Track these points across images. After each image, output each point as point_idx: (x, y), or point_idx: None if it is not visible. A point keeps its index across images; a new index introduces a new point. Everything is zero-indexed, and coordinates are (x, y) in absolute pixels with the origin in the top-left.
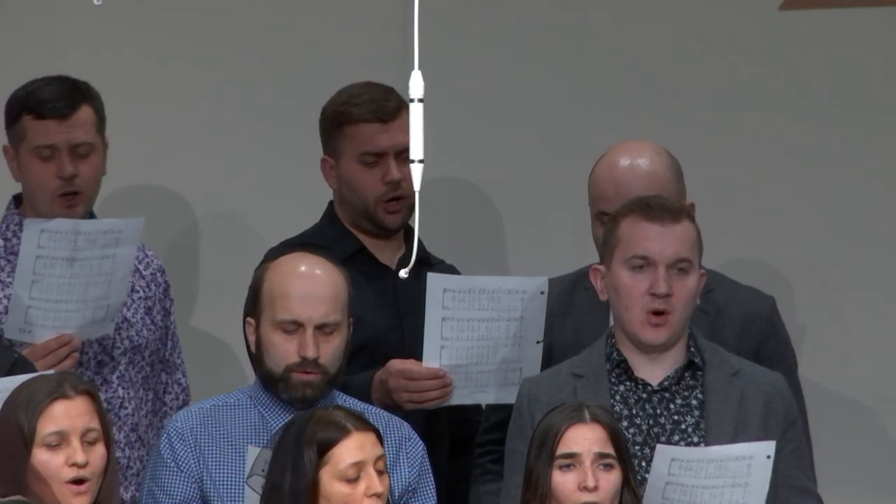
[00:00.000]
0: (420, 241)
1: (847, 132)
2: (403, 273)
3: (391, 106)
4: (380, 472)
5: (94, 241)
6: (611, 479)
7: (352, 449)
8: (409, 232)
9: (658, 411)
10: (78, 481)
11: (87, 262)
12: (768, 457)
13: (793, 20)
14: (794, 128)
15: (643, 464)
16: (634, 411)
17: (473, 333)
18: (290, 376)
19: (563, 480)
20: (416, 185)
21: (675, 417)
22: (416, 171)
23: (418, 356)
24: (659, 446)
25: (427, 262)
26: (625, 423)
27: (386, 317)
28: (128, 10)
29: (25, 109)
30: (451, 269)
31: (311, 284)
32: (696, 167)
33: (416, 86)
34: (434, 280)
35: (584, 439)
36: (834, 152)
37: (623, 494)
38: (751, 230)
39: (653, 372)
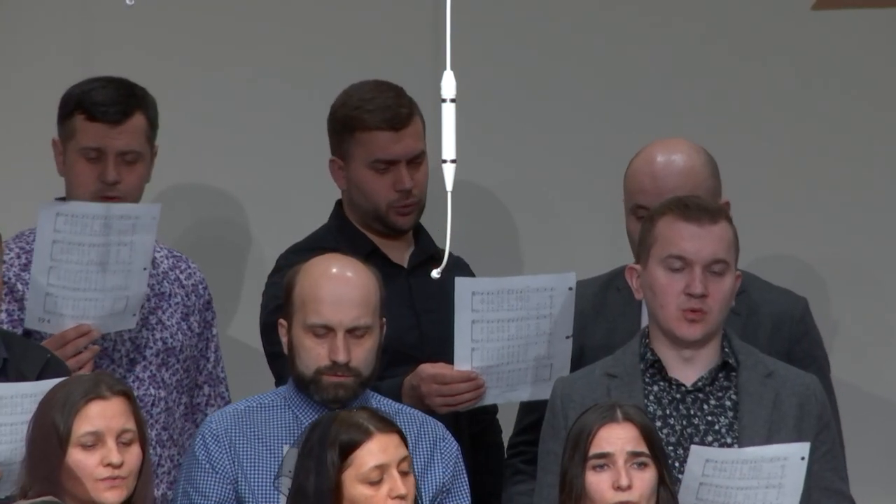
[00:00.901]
0: (430, 238)
1: (885, 130)
2: (435, 273)
3: (404, 112)
4: (404, 474)
5: (111, 226)
6: (645, 478)
7: (374, 451)
8: (417, 229)
9: (692, 412)
10: (111, 479)
11: (104, 247)
12: (802, 458)
13: (825, 20)
14: (830, 126)
15: (676, 464)
16: (668, 412)
17: (504, 334)
18: (321, 379)
19: (596, 481)
20: (449, 185)
21: (709, 418)
22: (448, 171)
23: (438, 354)
24: (693, 447)
25: (438, 257)
26: (658, 424)
27: (403, 317)
28: (160, 10)
29: (79, 108)
30: (459, 262)
31: (342, 288)
32: (730, 165)
33: (448, 86)
34: (462, 284)
35: (617, 439)
36: (874, 150)
37: (659, 493)
38: (785, 227)
39: (687, 372)
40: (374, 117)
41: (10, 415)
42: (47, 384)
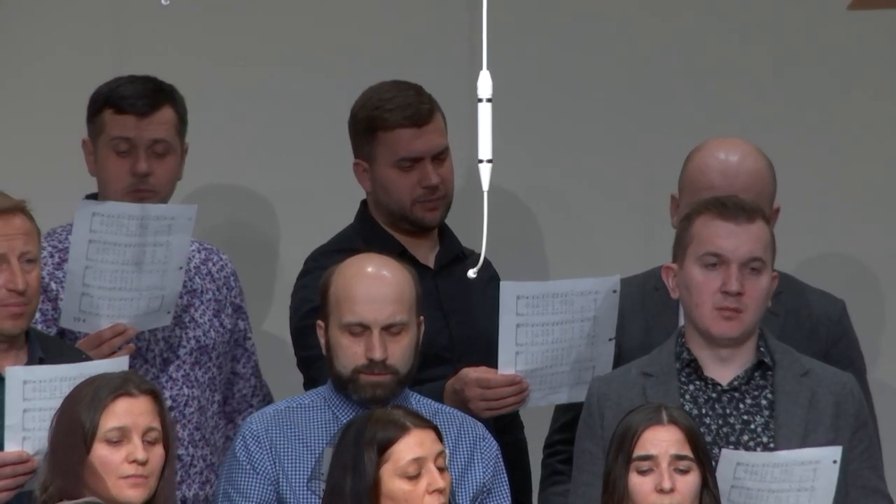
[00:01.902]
0: (455, 237)
1: None
2: (472, 273)
3: (425, 109)
4: (440, 469)
5: (147, 227)
6: (688, 482)
7: (411, 446)
8: (442, 229)
9: (728, 411)
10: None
11: (140, 248)
12: (834, 462)
13: (861, 20)
14: (873, 126)
15: (713, 463)
16: (704, 411)
17: (548, 337)
18: (359, 378)
19: (639, 482)
20: (485, 185)
21: (745, 417)
22: (485, 171)
23: (468, 354)
24: (724, 451)
25: (462, 257)
26: None
27: (432, 318)
28: (193, 11)
29: (107, 104)
30: (484, 261)
31: (377, 286)
32: (778, 167)
33: (484, 86)
34: (507, 288)
35: (661, 441)
36: None
37: (702, 497)
38: (835, 227)
39: (722, 371)
40: (395, 116)
41: (50, 399)
42: (86, 367)
